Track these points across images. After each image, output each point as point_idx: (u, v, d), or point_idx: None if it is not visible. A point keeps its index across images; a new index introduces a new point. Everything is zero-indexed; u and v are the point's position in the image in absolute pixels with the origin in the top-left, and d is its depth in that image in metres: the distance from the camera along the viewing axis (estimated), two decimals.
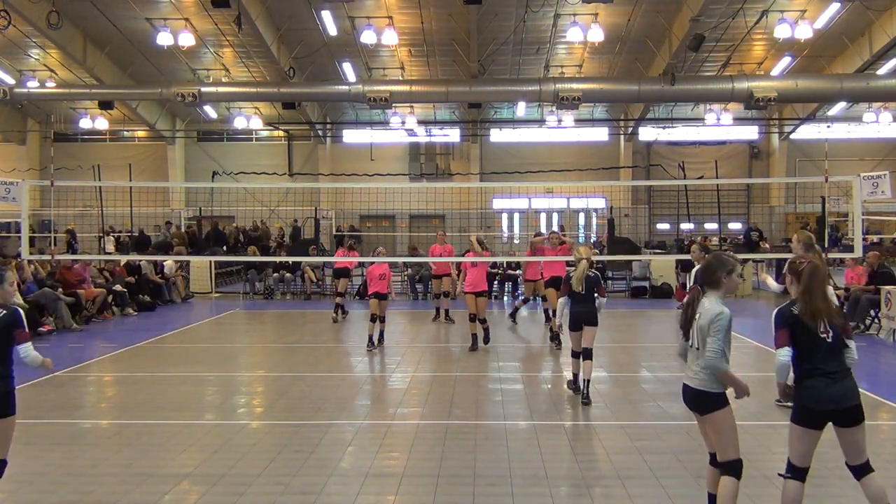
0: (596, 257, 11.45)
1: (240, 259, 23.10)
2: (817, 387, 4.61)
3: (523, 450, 6.87)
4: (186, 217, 30.40)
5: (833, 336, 4.64)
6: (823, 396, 4.59)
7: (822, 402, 4.59)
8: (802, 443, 4.69)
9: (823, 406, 4.59)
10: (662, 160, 31.56)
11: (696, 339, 4.79)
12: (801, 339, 4.66)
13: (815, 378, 4.62)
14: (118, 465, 6.49)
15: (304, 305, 19.38)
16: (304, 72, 27.18)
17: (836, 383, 4.59)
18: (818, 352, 4.63)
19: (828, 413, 4.61)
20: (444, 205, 28.79)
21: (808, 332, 4.63)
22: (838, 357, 4.66)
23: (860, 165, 30.20)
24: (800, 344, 4.66)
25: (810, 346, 4.64)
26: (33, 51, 26.94)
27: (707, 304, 4.79)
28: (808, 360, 4.65)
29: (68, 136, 34.80)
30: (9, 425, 5.10)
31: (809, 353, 4.65)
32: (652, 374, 10.35)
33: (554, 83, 23.10)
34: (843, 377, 4.63)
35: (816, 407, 4.61)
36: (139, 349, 12.58)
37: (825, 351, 4.63)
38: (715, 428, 4.85)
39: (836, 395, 4.58)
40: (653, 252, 26.64)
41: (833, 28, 24.12)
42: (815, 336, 4.63)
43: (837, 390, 4.59)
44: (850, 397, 4.61)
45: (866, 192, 13.11)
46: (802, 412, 4.68)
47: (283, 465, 6.43)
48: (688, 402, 4.92)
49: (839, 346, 4.67)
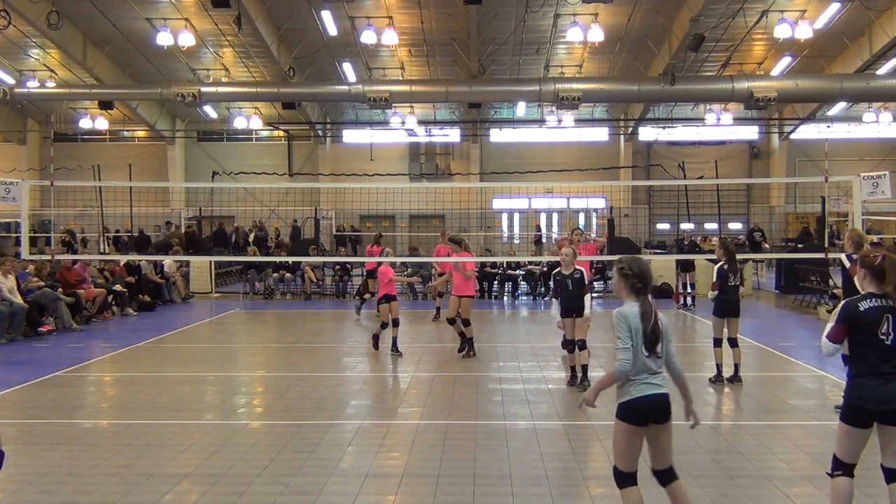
0: (596, 257, 11.42)
1: (240, 259, 23.10)
2: (868, 386, 4.55)
3: (523, 450, 6.87)
4: (186, 217, 30.40)
5: (893, 339, 4.55)
6: (873, 396, 4.53)
7: (871, 402, 4.54)
8: (851, 441, 4.63)
9: (872, 406, 4.54)
10: (662, 160, 31.55)
11: (661, 347, 4.65)
12: (858, 337, 4.59)
13: (866, 377, 4.56)
14: (118, 465, 6.49)
15: (304, 305, 19.38)
16: (304, 72, 27.18)
17: (887, 384, 4.53)
18: (875, 351, 4.56)
19: (875, 413, 4.55)
20: (444, 205, 28.79)
21: (868, 330, 4.56)
22: (893, 357, 4.57)
23: (860, 165, 30.18)
24: (857, 342, 4.60)
25: (868, 345, 4.57)
26: (33, 51, 26.94)
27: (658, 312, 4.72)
28: (863, 359, 4.59)
29: (68, 136, 34.80)
30: None
31: (865, 352, 4.58)
32: None
33: (554, 83, 23.10)
34: (894, 378, 4.56)
35: (865, 406, 4.55)
36: (139, 349, 12.57)
37: (881, 351, 4.55)
38: (670, 433, 4.69)
39: (886, 395, 4.52)
40: (653, 252, 26.62)
41: (833, 28, 24.12)
42: (875, 336, 4.56)
43: (888, 391, 4.52)
44: None
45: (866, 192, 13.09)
46: (850, 410, 4.62)
47: (283, 465, 6.42)
48: (659, 413, 4.58)
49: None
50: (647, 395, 4.55)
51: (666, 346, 4.66)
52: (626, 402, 4.57)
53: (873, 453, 4.75)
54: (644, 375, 4.57)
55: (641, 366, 4.58)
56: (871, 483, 5.91)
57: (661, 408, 4.58)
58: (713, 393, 9.27)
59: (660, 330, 4.62)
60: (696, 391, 9.37)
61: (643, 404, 4.55)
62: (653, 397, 4.56)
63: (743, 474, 6.21)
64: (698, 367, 10.77)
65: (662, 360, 4.65)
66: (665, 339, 4.65)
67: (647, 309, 4.63)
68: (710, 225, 29.81)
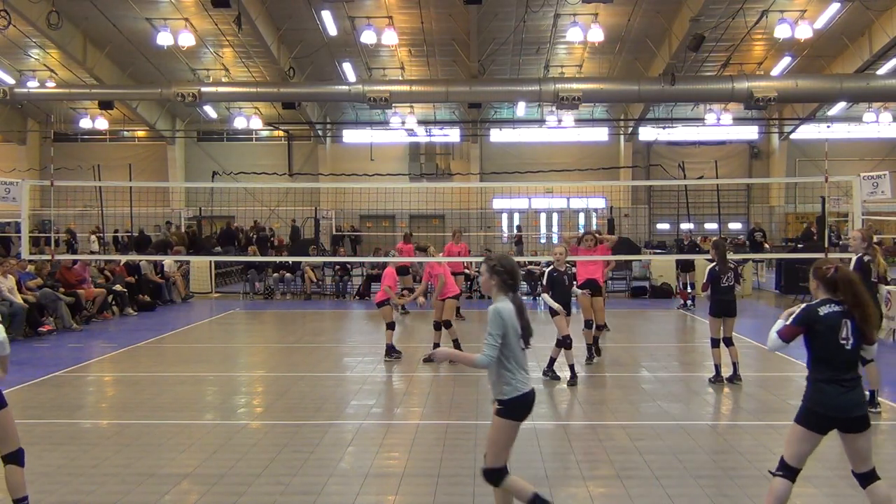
0: (595, 257, 11.40)
1: (240, 259, 23.11)
2: (829, 393, 4.55)
3: (523, 450, 6.87)
4: (186, 217, 30.42)
5: (853, 344, 4.58)
6: (834, 404, 4.53)
7: (831, 409, 4.54)
8: (802, 444, 4.63)
9: (832, 413, 4.54)
10: (662, 160, 31.57)
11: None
12: (819, 342, 4.60)
13: (828, 384, 4.56)
14: (118, 465, 6.49)
15: (304, 305, 19.38)
16: (304, 72, 27.18)
17: (848, 392, 4.54)
18: (836, 357, 4.57)
19: (836, 420, 4.56)
20: (444, 205, 28.79)
21: (828, 335, 4.57)
22: (854, 365, 4.61)
23: (860, 165, 30.19)
24: (818, 347, 4.61)
25: (828, 350, 4.58)
26: (33, 51, 26.94)
27: None
28: (825, 365, 4.59)
29: (68, 136, 34.81)
30: (5, 417, 5.03)
31: (826, 358, 4.59)
32: (652, 374, 10.35)
33: (554, 83, 23.12)
34: (855, 386, 4.58)
35: (825, 412, 4.55)
36: (139, 349, 12.58)
37: (842, 357, 4.57)
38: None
39: (846, 404, 4.53)
40: (653, 252, 26.63)
41: (833, 28, 24.12)
42: (836, 341, 4.57)
43: (849, 400, 4.54)
44: (860, 405, 4.58)
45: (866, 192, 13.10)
46: (809, 415, 4.61)
47: (283, 465, 6.42)
48: (530, 409, 4.68)
49: (857, 354, 4.62)
50: (529, 391, 4.65)
51: None
52: (515, 399, 4.59)
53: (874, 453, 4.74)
54: (521, 371, 4.63)
55: (522, 362, 4.64)
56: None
57: (533, 402, 4.70)
58: (713, 393, 9.27)
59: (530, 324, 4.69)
60: (696, 391, 9.39)
61: (528, 400, 4.64)
62: (532, 393, 4.67)
63: (743, 474, 6.22)
64: (698, 367, 10.77)
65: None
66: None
67: (521, 304, 4.68)
68: (710, 225, 29.82)
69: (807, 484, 5.95)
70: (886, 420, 8.00)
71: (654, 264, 20.82)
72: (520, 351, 4.63)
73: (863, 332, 4.59)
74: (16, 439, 5.09)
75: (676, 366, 11.42)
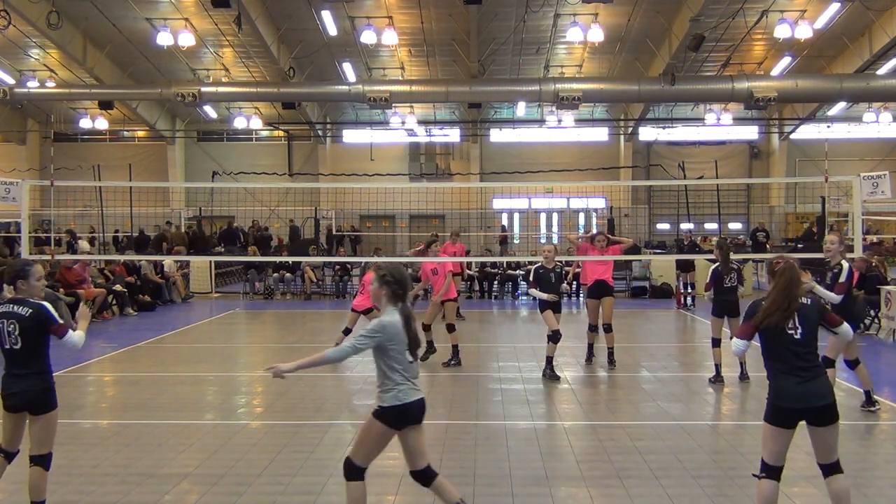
0: (595, 257, 11.39)
1: (240, 259, 23.12)
2: (787, 386, 4.57)
3: (523, 450, 6.87)
4: (186, 217, 30.41)
5: (802, 333, 4.58)
6: (793, 395, 4.54)
7: (792, 401, 4.54)
8: (775, 442, 4.63)
9: (794, 404, 4.54)
10: (662, 160, 31.56)
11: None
12: (769, 335, 4.62)
13: (785, 376, 4.58)
14: (118, 465, 6.49)
15: (304, 305, 19.38)
16: (304, 72, 27.18)
17: (806, 382, 4.54)
18: (787, 347, 4.58)
19: (799, 412, 4.55)
20: (444, 205, 28.79)
21: (776, 328, 4.59)
22: (809, 354, 4.61)
23: (860, 165, 30.19)
24: (769, 340, 4.63)
25: (779, 342, 4.59)
26: (33, 51, 26.94)
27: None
28: (777, 358, 4.61)
29: (68, 136, 34.79)
30: (52, 419, 5.20)
31: (779, 350, 4.60)
32: (652, 374, 10.35)
33: (554, 83, 23.11)
34: (815, 375, 4.58)
35: (787, 405, 4.56)
36: (139, 349, 12.58)
37: (793, 346, 4.58)
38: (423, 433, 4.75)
39: (807, 393, 4.53)
40: (653, 252, 26.63)
41: (833, 28, 24.11)
42: (783, 331, 4.58)
43: (808, 388, 4.54)
44: (822, 395, 4.56)
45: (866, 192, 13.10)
46: (774, 411, 4.62)
47: (283, 465, 6.43)
48: (420, 416, 4.68)
49: (809, 343, 4.61)
50: (414, 401, 4.64)
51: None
52: (394, 407, 4.59)
53: (873, 453, 4.75)
54: (408, 382, 4.64)
55: (410, 372, 4.66)
56: (868, 483, 5.93)
57: (422, 411, 4.69)
58: (713, 393, 9.27)
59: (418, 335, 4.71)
60: (696, 391, 9.40)
61: (410, 410, 4.62)
62: (418, 402, 4.66)
63: (743, 474, 6.21)
64: (698, 367, 10.78)
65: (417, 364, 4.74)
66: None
67: (409, 315, 4.69)
68: (710, 225, 29.82)
69: (807, 484, 5.95)
70: (886, 420, 8.00)
71: (654, 264, 20.84)
72: (407, 362, 4.64)
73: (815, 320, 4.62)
74: (51, 443, 5.20)
75: (676, 366, 11.42)
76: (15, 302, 5.12)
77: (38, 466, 5.12)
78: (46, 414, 5.14)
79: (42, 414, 5.12)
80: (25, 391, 5.06)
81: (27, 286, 5.19)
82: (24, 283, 5.18)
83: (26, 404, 5.08)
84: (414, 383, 4.67)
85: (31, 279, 5.21)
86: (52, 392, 5.18)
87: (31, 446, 5.12)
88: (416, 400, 4.65)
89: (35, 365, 5.12)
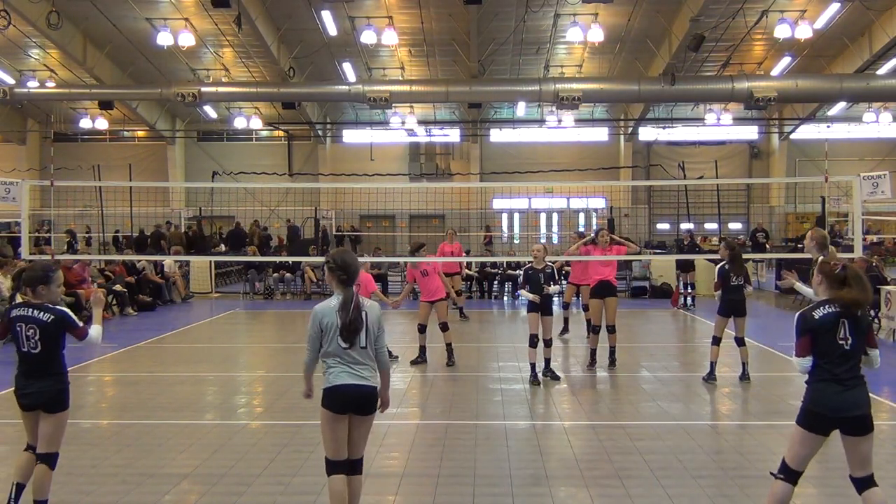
0: (595, 257, 11.38)
1: (240, 259, 23.12)
2: (828, 392, 4.53)
3: (523, 450, 6.87)
4: (186, 217, 30.41)
5: (852, 343, 4.56)
6: (834, 403, 4.51)
7: (831, 409, 4.51)
8: (804, 447, 4.60)
9: (833, 413, 4.51)
10: (662, 160, 31.56)
11: (364, 338, 4.71)
12: (819, 344, 4.58)
13: (827, 383, 4.55)
14: (118, 465, 6.49)
15: (304, 305, 19.38)
16: (304, 72, 27.18)
17: (848, 390, 4.52)
18: (835, 357, 4.55)
19: (836, 420, 4.53)
20: (444, 205, 28.78)
21: (827, 337, 4.56)
22: (853, 364, 4.58)
23: (860, 165, 30.18)
24: (818, 349, 4.59)
25: (828, 351, 4.56)
26: (33, 51, 26.94)
27: (368, 303, 4.81)
28: (823, 364, 4.57)
29: (68, 136, 34.78)
30: (63, 419, 5.32)
31: (825, 357, 4.57)
32: (652, 374, 10.35)
33: (554, 83, 23.10)
34: (856, 384, 4.56)
35: (826, 412, 4.53)
36: (139, 349, 12.58)
37: (841, 357, 4.55)
38: (369, 426, 4.82)
39: (847, 402, 4.51)
40: (653, 252, 26.63)
41: (833, 28, 24.11)
42: (834, 342, 4.55)
43: (849, 398, 4.51)
44: (860, 405, 4.54)
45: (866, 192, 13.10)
46: (809, 416, 4.58)
47: (283, 465, 6.43)
48: (358, 403, 4.69)
49: (857, 353, 4.59)
50: (343, 385, 4.68)
51: (371, 337, 4.73)
52: (325, 389, 4.73)
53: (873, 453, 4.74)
54: (341, 366, 4.68)
55: (337, 355, 4.69)
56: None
57: (360, 399, 4.70)
58: (712, 393, 9.27)
59: (361, 321, 4.69)
60: (696, 391, 9.39)
61: (338, 392, 4.68)
62: (351, 387, 4.68)
63: (743, 474, 6.22)
64: (698, 367, 10.77)
65: (370, 352, 4.73)
66: (369, 330, 4.72)
67: (346, 300, 4.71)
68: (710, 225, 29.83)
69: (807, 484, 5.95)
70: (886, 420, 8.00)
71: (654, 264, 20.82)
72: (337, 346, 4.68)
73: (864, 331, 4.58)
74: (59, 443, 5.32)
75: (676, 366, 11.42)
76: (34, 307, 5.20)
77: (44, 465, 5.19)
78: (59, 413, 5.24)
79: (55, 413, 5.22)
80: (42, 391, 5.18)
81: (48, 291, 5.27)
82: (45, 288, 5.26)
83: (41, 404, 5.20)
84: (353, 368, 4.68)
85: (52, 285, 5.30)
86: (66, 392, 5.30)
87: (40, 444, 5.21)
88: (348, 384, 4.66)
89: (52, 367, 5.24)
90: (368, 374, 4.72)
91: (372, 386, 4.74)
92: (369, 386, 4.73)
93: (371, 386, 4.74)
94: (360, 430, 4.78)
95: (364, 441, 4.83)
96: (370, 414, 4.78)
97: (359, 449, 4.80)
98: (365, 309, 4.74)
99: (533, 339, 9.59)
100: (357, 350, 4.70)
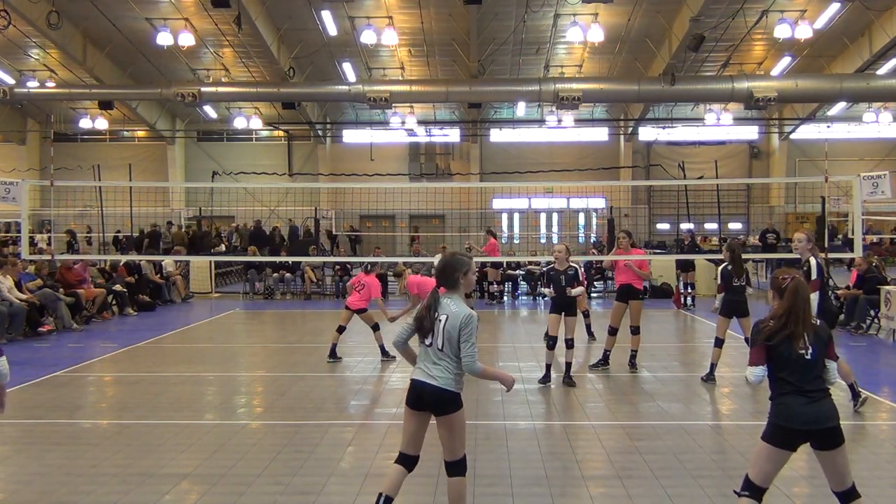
0: (596, 257, 11.37)
1: (240, 259, 23.11)
2: (794, 406, 4.38)
3: (523, 450, 6.87)
4: (186, 217, 30.42)
5: (812, 353, 4.42)
6: (799, 416, 4.36)
7: (797, 422, 4.36)
8: (770, 462, 4.45)
9: (799, 426, 4.35)
10: (662, 160, 31.57)
11: (440, 340, 4.71)
12: (777, 353, 4.44)
13: (790, 396, 4.40)
14: (118, 465, 6.49)
15: (304, 305, 19.38)
16: (304, 72, 27.19)
17: (813, 402, 4.37)
18: (796, 368, 4.41)
19: (804, 434, 4.37)
20: (444, 205, 28.80)
21: (784, 346, 4.42)
22: (817, 376, 4.44)
23: (860, 165, 30.23)
24: (776, 359, 4.45)
25: (787, 361, 4.42)
26: (33, 51, 26.95)
27: (453, 307, 4.75)
28: (786, 377, 4.42)
29: (68, 136, 34.82)
30: None
31: (786, 369, 4.42)
32: (652, 374, 10.35)
33: (554, 83, 23.12)
34: (822, 397, 4.41)
35: (792, 426, 4.37)
36: (139, 349, 12.58)
37: (803, 367, 4.41)
38: (451, 428, 4.75)
39: (813, 414, 4.35)
40: (653, 252, 26.64)
41: (833, 28, 24.13)
42: (793, 351, 4.41)
43: (815, 410, 4.36)
44: (828, 418, 4.37)
45: (866, 192, 13.12)
46: (776, 431, 4.41)
47: (283, 465, 6.42)
48: (425, 401, 4.75)
49: (819, 363, 4.45)
50: (414, 379, 4.81)
51: (449, 342, 4.70)
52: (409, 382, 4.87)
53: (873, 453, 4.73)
54: (422, 362, 4.82)
55: (422, 355, 4.84)
56: (869, 483, 5.92)
57: (426, 396, 4.74)
58: (713, 393, 9.27)
59: (431, 322, 4.75)
60: (696, 391, 9.39)
61: (411, 385, 4.83)
62: (418, 383, 4.78)
63: (743, 474, 6.20)
64: (698, 367, 10.77)
65: (448, 355, 4.72)
66: (444, 335, 4.71)
67: (431, 302, 4.81)
68: (710, 225, 29.83)
69: (803, 484, 5.95)
70: (886, 420, 8.00)
71: (654, 264, 20.78)
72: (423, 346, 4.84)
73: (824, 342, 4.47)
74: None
75: (676, 366, 11.42)
76: None
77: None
78: None
79: None
80: None
81: None
82: None
83: None
84: (427, 367, 4.76)
85: None
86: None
87: None
88: (418, 380, 4.78)
89: None
90: (440, 374, 4.71)
91: (440, 387, 4.70)
92: (437, 386, 4.70)
93: (438, 387, 4.70)
94: (441, 431, 4.75)
95: (448, 443, 4.75)
96: (443, 415, 4.73)
97: (449, 450, 4.76)
98: (445, 313, 4.74)
99: (551, 341, 9.51)
100: (434, 350, 4.75)
